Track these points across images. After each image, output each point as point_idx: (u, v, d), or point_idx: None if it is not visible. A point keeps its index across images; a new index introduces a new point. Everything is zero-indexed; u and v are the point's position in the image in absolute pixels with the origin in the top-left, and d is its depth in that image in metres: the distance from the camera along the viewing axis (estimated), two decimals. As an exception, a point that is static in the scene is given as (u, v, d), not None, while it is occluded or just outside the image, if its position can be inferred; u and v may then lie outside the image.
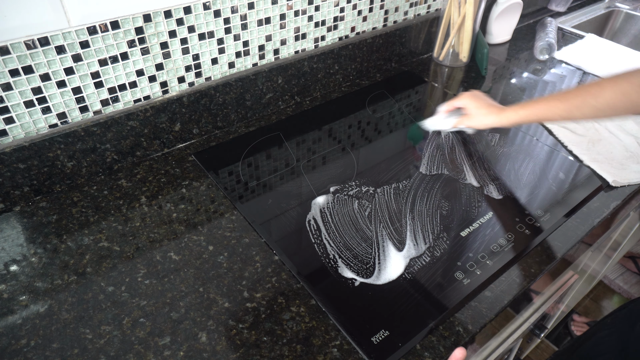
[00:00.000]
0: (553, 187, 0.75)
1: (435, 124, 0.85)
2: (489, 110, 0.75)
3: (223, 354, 0.51)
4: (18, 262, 0.61)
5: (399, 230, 0.67)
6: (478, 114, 0.76)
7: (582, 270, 1.07)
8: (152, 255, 0.62)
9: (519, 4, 1.18)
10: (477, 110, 0.76)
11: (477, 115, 0.76)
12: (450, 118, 0.83)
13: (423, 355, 0.52)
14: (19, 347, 0.51)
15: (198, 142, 0.84)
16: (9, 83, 0.62)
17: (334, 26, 0.94)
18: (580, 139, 0.86)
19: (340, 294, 0.57)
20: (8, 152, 0.65)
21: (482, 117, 0.75)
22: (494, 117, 0.74)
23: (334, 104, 0.97)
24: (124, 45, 0.69)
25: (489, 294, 0.59)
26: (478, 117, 0.76)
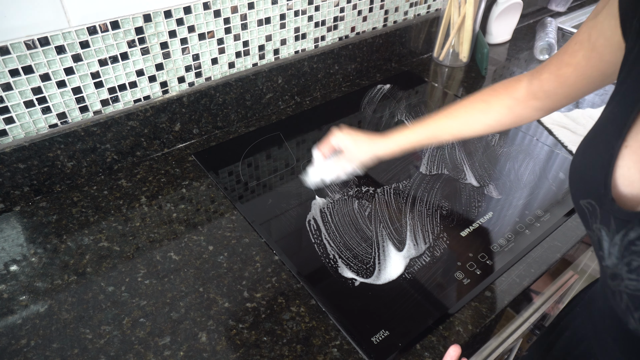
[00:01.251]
0: (553, 187, 0.75)
1: (317, 174, 0.73)
2: (371, 140, 0.68)
3: (223, 354, 0.51)
4: (18, 262, 0.61)
5: (399, 230, 0.67)
6: (360, 147, 0.68)
7: (582, 270, 1.07)
8: (152, 255, 0.62)
9: (519, 4, 1.18)
10: (358, 143, 0.68)
11: (360, 148, 0.68)
12: (330, 162, 0.72)
13: (423, 355, 0.52)
14: (19, 347, 0.51)
15: (198, 142, 0.84)
16: (9, 83, 0.62)
17: (334, 26, 0.94)
18: (580, 139, 0.86)
19: (340, 294, 0.57)
20: (8, 152, 0.65)
21: (365, 148, 0.68)
22: (379, 145, 0.67)
23: (334, 104, 0.97)
24: (124, 45, 0.69)
25: (489, 294, 0.59)
26: (361, 150, 0.68)
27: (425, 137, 0.66)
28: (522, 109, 0.60)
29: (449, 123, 0.65)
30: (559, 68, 0.52)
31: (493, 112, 0.62)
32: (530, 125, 0.90)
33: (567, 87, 0.53)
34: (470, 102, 0.64)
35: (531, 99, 0.58)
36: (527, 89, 0.58)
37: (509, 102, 0.60)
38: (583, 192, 0.40)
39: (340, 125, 0.72)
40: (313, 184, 0.73)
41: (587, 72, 0.49)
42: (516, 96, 0.59)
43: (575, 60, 0.49)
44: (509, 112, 0.61)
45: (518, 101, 0.59)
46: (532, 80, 0.57)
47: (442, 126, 0.65)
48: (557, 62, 0.53)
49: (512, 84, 0.60)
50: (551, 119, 0.91)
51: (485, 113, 0.62)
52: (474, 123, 0.63)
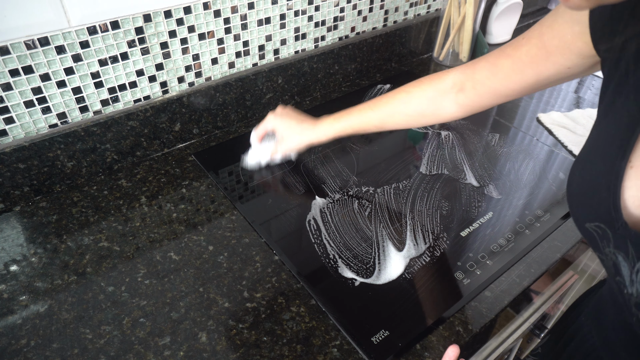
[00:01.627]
0: (553, 187, 0.75)
1: (253, 157, 0.77)
2: (302, 127, 0.71)
3: (223, 354, 0.51)
4: (18, 262, 0.61)
5: (399, 230, 0.67)
6: (291, 135, 0.71)
7: (582, 270, 1.07)
8: (152, 255, 0.62)
9: (519, 4, 1.18)
10: (289, 130, 0.71)
11: (291, 136, 0.71)
12: (266, 145, 0.76)
13: (423, 355, 0.52)
14: (19, 347, 0.51)
15: (198, 142, 0.84)
16: (9, 83, 0.62)
17: (334, 26, 0.94)
18: (580, 139, 0.86)
19: (340, 294, 0.57)
20: (8, 152, 0.65)
21: (295, 136, 0.71)
22: (309, 134, 0.70)
23: (334, 104, 0.97)
24: (124, 45, 0.69)
25: (489, 294, 0.59)
26: (292, 138, 0.71)
27: (351, 128, 0.67)
28: (443, 101, 0.59)
29: (371, 115, 0.65)
30: (497, 58, 0.53)
31: (413, 103, 0.61)
32: (530, 125, 0.90)
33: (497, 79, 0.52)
34: (394, 92, 0.64)
35: (456, 91, 0.57)
36: (454, 80, 0.57)
37: (430, 93, 0.60)
38: (589, 216, 0.38)
39: (285, 106, 0.75)
40: (250, 166, 0.77)
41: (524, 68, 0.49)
42: (440, 87, 0.59)
43: (517, 53, 0.50)
44: (429, 104, 0.60)
45: (440, 92, 0.59)
46: (464, 70, 0.57)
47: (366, 117, 0.66)
48: (498, 52, 0.53)
49: (439, 75, 0.60)
50: (551, 119, 0.91)
51: (405, 104, 0.62)
52: (395, 114, 0.63)
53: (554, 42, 0.46)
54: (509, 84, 0.52)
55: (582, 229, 0.40)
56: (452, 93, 0.58)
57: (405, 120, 0.64)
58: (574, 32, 0.43)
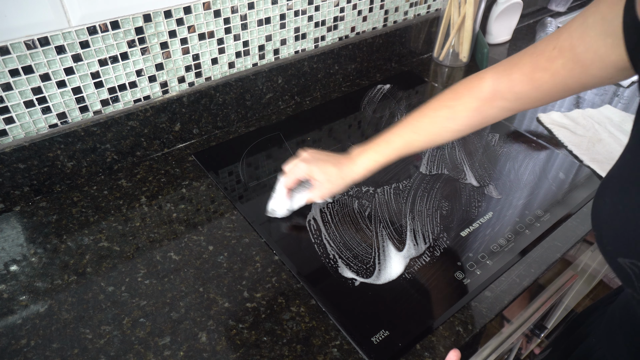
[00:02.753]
0: (553, 187, 0.75)
1: (281, 205, 0.67)
2: (341, 170, 0.63)
3: (223, 354, 0.51)
4: (18, 262, 0.61)
5: (399, 230, 0.67)
6: (331, 180, 0.63)
7: (582, 270, 1.07)
8: (152, 255, 0.62)
9: (519, 4, 1.18)
10: (328, 175, 0.63)
11: (331, 181, 0.63)
12: (299, 194, 0.67)
13: (423, 355, 0.52)
14: (19, 347, 0.51)
15: (198, 142, 0.84)
16: (9, 83, 0.62)
17: (334, 26, 0.94)
18: (580, 139, 0.86)
19: (340, 294, 0.57)
20: (8, 152, 0.65)
21: (338, 180, 0.63)
22: (350, 174, 0.63)
23: (334, 104, 0.97)
24: (124, 45, 0.69)
25: (489, 294, 0.59)
26: (333, 183, 0.63)
27: (395, 155, 0.62)
28: (488, 109, 0.56)
29: (415, 138, 0.60)
30: (533, 71, 0.49)
31: (460, 118, 0.58)
32: (530, 125, 0.90)
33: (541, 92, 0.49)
34: (434, 109, 0.59)
35: (498, 99, 0.54)
36: (493, 88, 0.54)
37: (474, 104, 0.56)
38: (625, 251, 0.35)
39: (305, 149, 0.66)
40: (279, 214, 0.68)
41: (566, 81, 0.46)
42: (481, 97, 0.56)
43: (554, 67, 0.46)
44: (475, 114, 0.57)
45: (484, 102, 0.56)
46: (499, 79, 0.54)
47: (410, 142, 0.61)
48: (531, 64, 0.49)
49: (475, 84, 0.56)
50: (551, 119, 0.91)
51: (451, 119, 0.58)
52: (442, 132, 0.59)
53: (588, 55, 0.43)
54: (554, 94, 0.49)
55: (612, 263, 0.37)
56: (495, 101, 0.55)
57: (453, 136, 0.60)
58: (606, 45, 0.40)
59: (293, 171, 0.64)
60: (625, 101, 0.99)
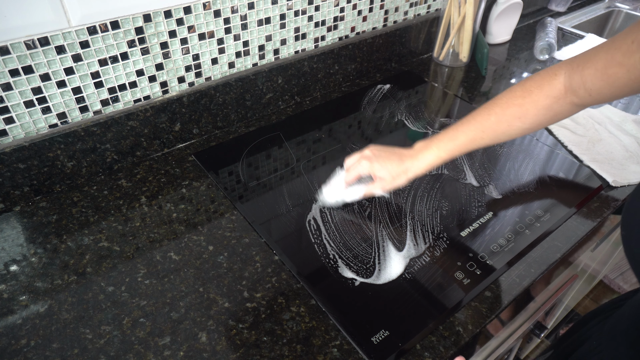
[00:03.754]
0: (553, 187, 0.75)
1: (334, 197, 0.69)
2: (404, 165, 0.63)
3: (223, 354, 0.51)
4: (18, 262, 0.61)
5: (399, 230, 0.67)
6: (395, 176, 0.64)
7: (582, 270, 1.07)
8: (152, 255, 0.62)
9: (519, 4, 1.18)
10: (391, 172, 0.63)
11: (395, 177, 0.64)
12: (356, 187, 0.68)
13: (423, 355, 0.52)
14: (19, 347, 0.51)
15: (198, 142, 0.84)
16: (9, 83, 0.62)
17: (334, 26, 0.94)
18: (580, 139, 0.86)
19: (340, 294, 0.57)
20: (8, 152, 0.65)
21: (401, 176, 0.64)
22: (413, 169, 0.63)
23: (334, 104, 0.97)
24: (124, 45, 0.69)
25: (489, 294, 0.59)
26: (397, 179, 0.64)
27: (457, 152, 0.61)
28: (560, 107, 0.54)
29: (482, 135, 0.59)
30: (607, 66, 0.46)
31: (529, 116, 0.56)
32: (530, 125, 0.90)
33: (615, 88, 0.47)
34: (502, 107, 0.58)
35: (569, 95, 0.52)
36: (565, 85, 0.52)
37: (545, 102, 0.54)
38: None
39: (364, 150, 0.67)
40: (330, 204, 0.70)
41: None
42: (553, 94, 0.53)
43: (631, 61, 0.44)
44: (546, 112, 0.55)
45: (555, 99, 0.54)
46: (571, 75, 0.51)
47: (473, 139, 0.60)
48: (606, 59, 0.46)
49: (547, 80, 0.54)
50: (551, 119, 0.91)
51: (521, 119, 0.56)
52: (509, 130, 0.58)
53: None
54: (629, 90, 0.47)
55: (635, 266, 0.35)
56: (567, 97, 0.53)
57: (521, 134, 0.59)
58: None
59: (355, 168, 0.66)
60: (625, 101, 0.99)
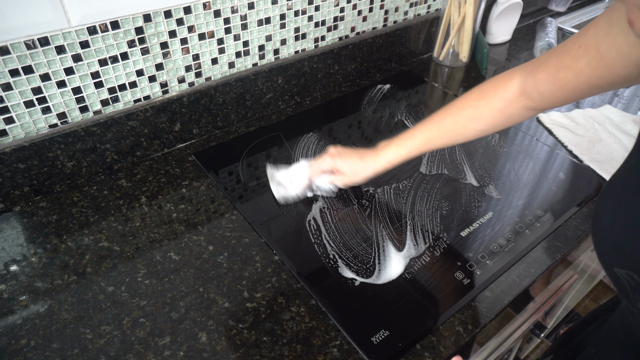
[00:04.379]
0: (553, 187, 0.75)
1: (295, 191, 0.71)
2: (364, 161, 0.66)
3: (223, 354, 0.51)
4: (18, 262, 0.61)
5: (399, 230, 0.67)
6: (355, 171, 0.66)
7: (582, 270, 1.07)
8: (152, 255, 0.62)
9: (519, 4, 1.18)
10: (352, 167, 0.66)
11: (355, 172, 0.66)
12: (321, 178, 0.71)
13: (423, 355, 0.52)
14: (19, 347, 0.51)
15: (198, 142, 0.84)
16: (9, 83, 0.62)
17: (334, 26, 0.94)
18: (580, 139, 0.86)
19: (340, 294, 0.57)
20: (8, 152, 0.65)
21: (361, 171, 0.66)
22: (372, 166, 0.65)
23: (334, 104, 0.97)
24: (124, 45, 0.69)
25: (489, 294, 0.59)
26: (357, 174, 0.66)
27: (417, 151, 0.64)
28: (513, 109, 0.56)
29: (438, 135, 0.62)
30: (558, 70, 0.48)
31: (484, 118, 0.58)
32: (530, 125, 0.90)
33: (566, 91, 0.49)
34: (458, 108, 0.60)
35: (523, 99, 0.54)
36: (520, 88, 0.54)
37: (499, 105, 0.56)
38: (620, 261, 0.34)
39: (328, 149, 0.69)
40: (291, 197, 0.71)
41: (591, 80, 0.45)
42: (507, 97, 0.56)
43: (578, 65, 0.45)
44: (500, 115, 0.57)
45: (509, 102, 0.56)
46: (525, 79, 0.53)
47: (433, 139, 0.62)
48: (556, 64, 0.49)
49: (502, 84, 0.57)
50: (551, 119, 0.91)
51: (475, 120, 0.59)
52: (465, 131, 0.60)
53: (611, 54, 0.41)
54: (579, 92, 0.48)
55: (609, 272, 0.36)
56: (521, 101, 0.55)
57: (476, 135, 0.61)
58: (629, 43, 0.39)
59: (319, 164, 0.68)
60: (625, 101, 0.99)
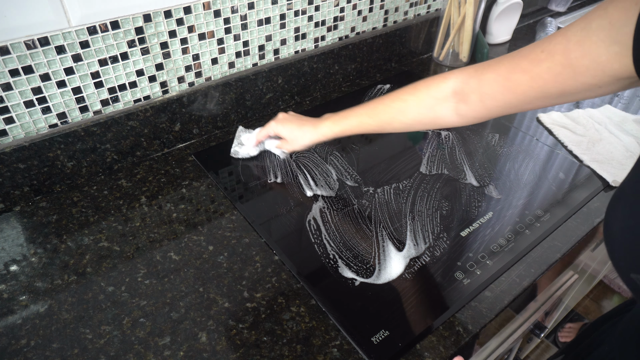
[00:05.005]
0: (553, 187, 0.75)
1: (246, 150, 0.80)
2: (303, 130, 0.72)
3: (223, 354, 0.51)
4: (18, 262, 0.61)
5: (399, 230, 0.67)
6: (294, 138, 0.73)
7: (582, 270, 1.07)
8: (152, 255, 0.62)
9: (519, 4, 1.18)
10: (292, 134, 0.73)
11: (294, 139, 0.73)
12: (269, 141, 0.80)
13: (423, 355, 0.52)
14: (19, 347, 0.51)
15: (198, 142, 0.84)
16: (9, 83, 0.62)
17: (334, 26, 0.94)
18: (580, 139, 0.86)
19: (340, 294, 0.57)
20: (8, 152, 0.65)
21: (298, 139, 0.72)
22: (310, 136, 0.71)
23: (333, 104, 0.97)
24: (124, 45, 0.69)
25: (489, 294, 0.59)
26: (295, 141, 0.73)
27: (350, 131, 0.68)
28: (442, 110, 0.56)
29: (369, 121, 0.65)
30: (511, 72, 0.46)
31: (410, 112, 0.59)
32: (530, 125, 0.90)
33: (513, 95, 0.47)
34: (391, 99, 0.62)
35: (456, 100, 0.54)
36: (454, 89, 0.54)
37: (427, 102, 0.57)
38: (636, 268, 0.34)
39: (277, 115, 0.76)
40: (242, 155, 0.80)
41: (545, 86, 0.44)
42: (437, 95, 0.56)
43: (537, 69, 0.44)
44: (427, 112, 0.57)
45: (439, 101, 0.56)
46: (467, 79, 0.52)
47: (364, 123, 0.65)
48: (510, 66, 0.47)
49: (436, 82, 0.56)
50: (551, 119, 0.91)
51: (402, 112, 0.60)
52: (393, 121, 0.62)
53: (584, 62, 0.40)
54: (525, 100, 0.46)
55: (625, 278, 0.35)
56: (452, 102, 0.55)
57: (403, 128, 0.62)
58: (609, 53, 0.37)
59: (266, 128, 0.76)
60: (625, 101, 0.99)
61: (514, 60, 0.47)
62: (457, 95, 0.54)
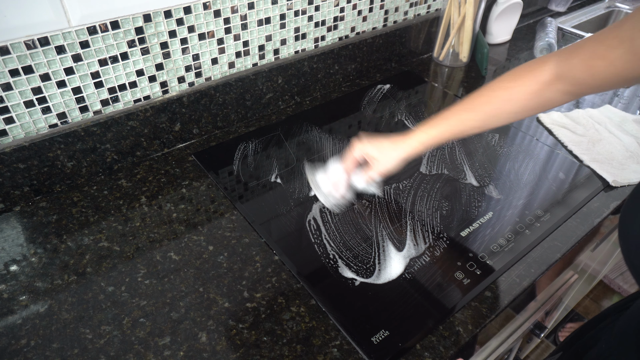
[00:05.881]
0: (553, 187, 0.75)
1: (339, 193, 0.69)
2: (394, 144, 0.63)
3: (223, 354, 0.51)
4: (18, 262, 0.61)
5: (399, 230, 0.67)
6: (385, 154, 0.64)
7: (582, 270, 1.07)
8: (152, 255, 0.62)
9: (519, 4, 1.18)
10: (382, 150, 0.64)
11: (385, 155, 0.64)
12: (356, 176, 0.68)
13: (423, 355, 0.52)
14: (19, 347, 0.51)
15: (198, 142, 0.84)
16: (9, 83, 0.62)
17: (334, 26, 0.94)
18: (580, 139, 0.86)
19: (340, 294, 0.57)
20: (8, 152, 0.65)
21: (391, 153, 0.63)
22: (404, 147, 0.63)
23: (334, 104, 0.97)
24: (124, 45, 0.69)
25: (489, 294, 0.59)
26: (387, 157, 0.64)
27: (450, 132, 0.62)
28: (549, 93, 0.55)
29: (472, 116, 0.60)
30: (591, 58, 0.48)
31: (517, 100, 0.57)
32: (530, 125, 0.90)
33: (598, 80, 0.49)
34: (491, 90, 0.59)
35: (559, 83, 0.54)
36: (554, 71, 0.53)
37: (534, 87, 0.55)
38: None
39: (359, 135, 0.67)
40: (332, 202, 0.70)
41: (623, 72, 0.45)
42: (542, 80, 0.55)
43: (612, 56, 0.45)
44: (534, 97, 0.56)
45: (544, 85, 0.55)
46: (560, 63, 0.53)
47: (466, 120, 0.60)
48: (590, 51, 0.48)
49: (536, 66, 0.56)
50: (551, 119, 0.91)
51: (508, 101, 0.58)
52: (499, 114, 0.59)
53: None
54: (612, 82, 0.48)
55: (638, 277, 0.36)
56: (556, 84, 0.54)
57: (510, 118, 0.59)
58: None
59: (350, 154, 0.66)
60: (625, 101, 0.99)
61: (594, 45, 0.48)
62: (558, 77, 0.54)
